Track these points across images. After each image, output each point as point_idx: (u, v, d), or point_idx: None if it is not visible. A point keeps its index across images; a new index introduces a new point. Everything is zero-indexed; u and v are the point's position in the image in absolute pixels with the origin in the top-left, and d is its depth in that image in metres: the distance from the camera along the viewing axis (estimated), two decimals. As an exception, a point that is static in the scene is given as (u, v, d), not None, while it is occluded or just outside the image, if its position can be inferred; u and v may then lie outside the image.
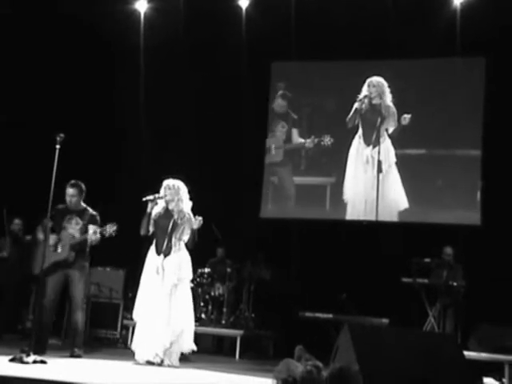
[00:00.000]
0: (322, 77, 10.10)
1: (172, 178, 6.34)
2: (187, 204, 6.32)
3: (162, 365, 5.98)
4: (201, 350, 6.80)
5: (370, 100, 9.66)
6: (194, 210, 6.29)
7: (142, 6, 9.79)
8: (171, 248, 6.18)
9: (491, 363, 7.01)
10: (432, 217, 9.17)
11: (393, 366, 4.13)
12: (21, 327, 8.61)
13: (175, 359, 6.10)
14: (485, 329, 7.50)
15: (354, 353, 4.12)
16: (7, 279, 8.41)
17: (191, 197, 6.37)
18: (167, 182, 6.31)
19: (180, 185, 6.31)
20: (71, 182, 6.55)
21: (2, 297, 8.41)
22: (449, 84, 9.47)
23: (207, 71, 9.85)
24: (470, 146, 9.28)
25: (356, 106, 9.68)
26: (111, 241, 6.47)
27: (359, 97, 9.65)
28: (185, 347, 6.16)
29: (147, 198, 6.27)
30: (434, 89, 9.52)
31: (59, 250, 6.37)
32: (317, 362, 4.30)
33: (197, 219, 6.13)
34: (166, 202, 6.28)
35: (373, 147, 9.58)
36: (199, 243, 6.33)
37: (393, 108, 9.55)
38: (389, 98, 9.58)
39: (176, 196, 6.25)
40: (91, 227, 6.39)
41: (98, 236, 6.36)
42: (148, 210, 6.27)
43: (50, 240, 6.35)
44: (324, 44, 9.55)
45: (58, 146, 5.88)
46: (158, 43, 9.72)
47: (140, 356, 6.06)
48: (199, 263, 8.13)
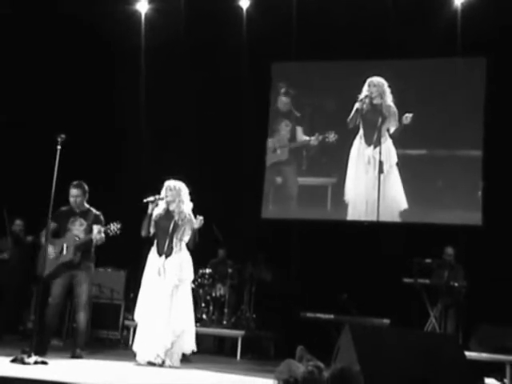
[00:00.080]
0: (323, 77, 10.09)
1: (173, 179, 6.35)
2: (188, 205, 6.32)
3: (163, 365, 5.98)
4: (202, 351, 6.80)
5: (371, 100, 9.64)
6: (195, 211, 6.30)
7: (143, 7, 9.80)
8: (172, 249, 6.18)
9: (492, 363, 7.00)
10: (433, 217, 9.15)
11: (394, 367, 4.13)
12: (22, 328, 8.62)
13: (176, 360, 6.10)
14: (486, 329, 7.49)
15: (355, 353, 4.12)
16: (8, 280, 8.41)
17: (192, 198, 6.38)
18: (168, 183, 6.32)
19: (181, 186, 6.31)
20: (74, 183, 6.53)
21: (3, 297, 8.42)
22: (449, 84, 9.45)
23: (208, 72, 9.85)
24: (471, 147, 9.27)
25: (357, 107, 9.66)
26: (112, 241, 6.47)
27: (360, 97, 9.64)
28: (186, 348, 6.16)
29: (148, 200, 6.27)
30: (435, 89, 9.50)
31: (64, 252, 6.36)
32: (318, 363, 4.30)
33: (198, 219, 6.14)
34: (167, 203, 6.28)
35: (374, 147, 9.56)
36: (200, 244, 6.33)
37: (394, 108, 9.53)
38: (389, 98, 9.56)
39: (177, 197, 6.25)
40: (95, 227, 6.38)
41: (103, 235, 6.36)
42: (149, 212, 6.27)
43: (56, 246, 6.35)
44: (324, 44, 9.54)
45: (59, 147, 5.87)
46: (159, 44, 9.72)
47: (141, 357, 6.06)
48: (200, 264, 8.13)
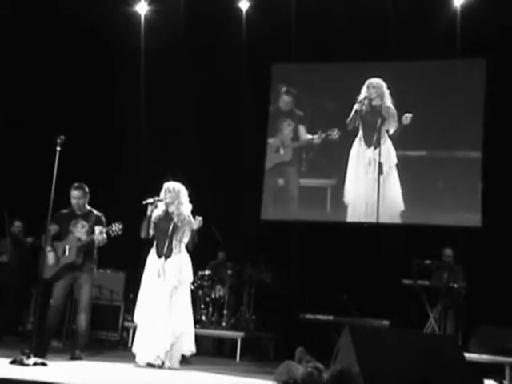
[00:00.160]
0: (322, 78, 10.08)
1: (172, 181, 6.35)
2: (187, 207, 6.32)
3: (163, 367, 5.97)
4: (201, 352, 6.80)
5: (370, 101, 9.63)
6: (194, 212, 6.29)
7: (143, 9, 9.80)
8: (172, 250, 6.18)
9: (492, 365, 7.01)
10: (432, 218, 9.14)
11: (393, 368, 4.13)
12: (21, 329, 8.62)
13: (176, 361, 6.10)
14: (485, 330, 7.49)
15: (355, 354, 4.12)
16: (8, 281, 8.41)
17: (191, 200, 6.37)
18: (167, 185, 6.31)
19: (180, 188, 6.31)
20: (75, 185, 6.52)
21: (3, 298, 8.41)
22: (449, 85, 9.44)
23: (207, 73, 9.84)
24: (471, 148, 9.26)
25: (356, 108, 9.65)
26: (112, 243, 6.47)
27: (359, 98, 9.63)
28: (185, 349, 6.16)
29: (147, 201, 6.27)
30: (434, 90, 9.49)
31: (67, 254, 6.35)
32: (317, 364, 4.30)
33: (197, 219, 6.14)
34: (166, 205, 6.28)
35: (373, 149, 9.55)
36: (200, 246, 6.33)
37: (393, 109, 9.52)
38: (389, 100, 9.54)
39: (176, 199, 6.25)
40: (97, 228, 6.37)
41: (105, 236, 6.35)
42: (148, 213, 6.27)
43: (58, 249, 6.34)
44: (324, 45, 9.54)
45: (59, 148, 5.87)
46: (159, 45, 9.71)
47: (141, 358, 6.05)
48: (200, 265, 8.12)
